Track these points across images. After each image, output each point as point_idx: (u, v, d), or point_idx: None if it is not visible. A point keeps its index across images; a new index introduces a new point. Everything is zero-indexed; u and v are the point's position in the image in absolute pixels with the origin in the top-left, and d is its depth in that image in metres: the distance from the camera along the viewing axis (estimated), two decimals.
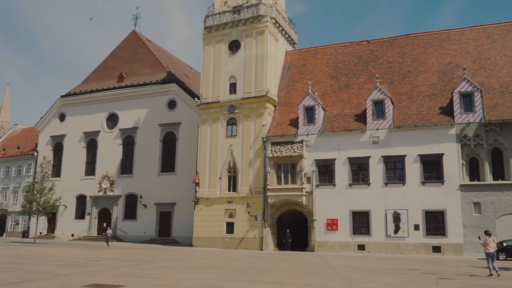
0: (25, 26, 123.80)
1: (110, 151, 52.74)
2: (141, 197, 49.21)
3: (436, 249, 33.22)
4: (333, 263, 22.12)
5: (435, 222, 33.62)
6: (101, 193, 52.10)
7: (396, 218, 34.49)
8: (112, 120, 54.02)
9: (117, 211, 51.05)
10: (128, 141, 52.68)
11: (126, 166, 52.11)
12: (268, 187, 38.05)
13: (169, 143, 50.49)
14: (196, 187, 42.16)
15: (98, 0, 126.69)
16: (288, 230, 38.31)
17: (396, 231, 34.36)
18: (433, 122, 34.79)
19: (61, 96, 57.56)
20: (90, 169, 54.01)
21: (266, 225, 38.29)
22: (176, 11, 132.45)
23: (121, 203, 51.06)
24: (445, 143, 34.15)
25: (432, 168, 34.47)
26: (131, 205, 50.68)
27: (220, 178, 41.19)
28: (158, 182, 49.36)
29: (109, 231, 41.13)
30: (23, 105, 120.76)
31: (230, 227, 39.83)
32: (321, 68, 43.20)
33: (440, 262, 25.92)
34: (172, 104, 50.84)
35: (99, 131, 54.05)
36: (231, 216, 40.00)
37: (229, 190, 40.79)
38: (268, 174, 38.30)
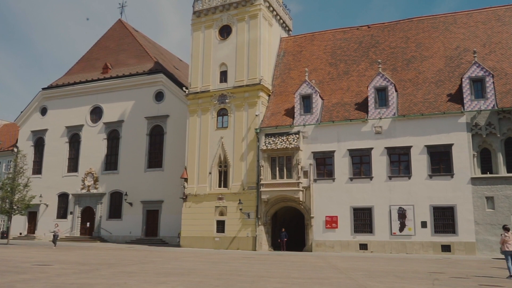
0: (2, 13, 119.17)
1: (94, 146, 49.59)
2: (126, 194, 46.06)
3: (446, 248, 30.36)
4: (339, 265, 19.13)
5: (444, 218, 30.77)
6: (84, 191, 48.91)
7: (402, 215, 31.60)
8: (96, 113, 50.86)
9: (101, 210, 47.89)
10: (113, 136, 49.53)
11: (111, 162, 48.95)
12: (262, 182, 35.09)
13: (156, 137, 47.40)
14: (184, 183, 39.09)
15: None
16: (283, 229, 35.36)
17: (401, 229, 31.47)
18: (441, 110, 31.96)
19: (43, 89, 54.28)
20: (73, 165, 50.79)
21: (259, 224, 35.31)
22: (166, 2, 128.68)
23: (105, 201, 47.92)
24: (455, 133, 31.33)
25: (441, 160, 31.62)
26: (116, 203, 47.55)
27: (210, 173, 38.16)
28: (144, 179, 46.26)
29: (57, 229, 35.97)
30: (6, 99, 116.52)
31: (220, 226, 36.80)
32: (318, 54, 40.27)
33: (457, 263, 23.01)
34: (159, 96, 47.77)
35: (82, 125, 50.85)
36: (221, 214, 36.97)
37: (219, 186, 37.77)
38: (261, 168, 35.34)
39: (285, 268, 17.17)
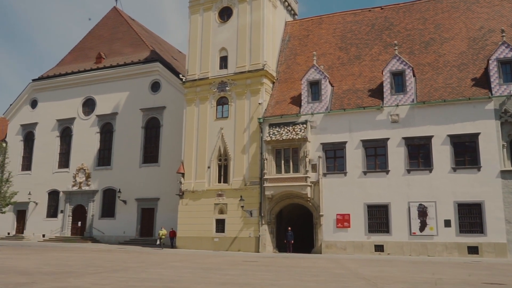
0: None
1: (86, 141, 46.41)
2: (119, 191, 42.83)
3: (473, 250, 27.00)
4: (360, 272, 15.75)
5: (470, 217, 27.43)
6: (75, 188, 45.73)
7: (422, 213, 28.26)
8: (89, 105, 47.68)
9: (93, 208, 44.69)
10: (106, 129, 46.33)
11: (104, 157, 45.76)
12: (266, 177, 31.81)
13: (152, 130, 44.20)
14: (180, 178, 35.85)
15: None
16: (289, 228, 32.07)
17: (422, 229, 28.13)
18: (465, 95, 28.61)
19: (33, 80, 51.13)
20: (64, 161, 47.60)
21: (263, 222, 32.04)
22: None
23: (97, 199, 44.72)
24: (481, 121, 27.99)
25: (466, 151, 28.29)
26: (109, 201, 44.34)
27: (208, 168, 34.91)
28: (139, 175, 43.03)
29: None
30: None
31: (220, 225, 33.55)
32: (326, 38, 36.95)
33: (498, 267, 19.65)
34: (155, 86, 44.56)
35: (74, 118, 47.66)
36: (221, 212, 33.71)
37: (219, 182, 34.52)
38: (265, 162, 32.06)
39: (296, 277, 13.69)
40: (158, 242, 35.17)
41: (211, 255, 26.65)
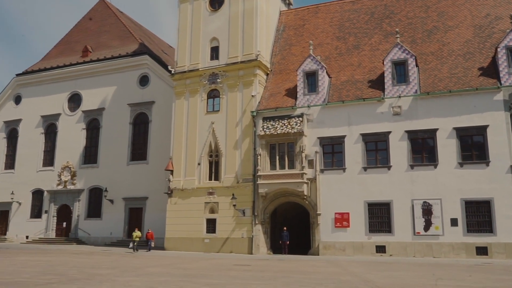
0: None
1: (71, 137, 44.23)
2: (106, 190, 40.70)
3: (481, 250, 25.14)
4: (369, 278, 13.68)
5: (478, 215, 25.58)
6: (60, 187, 43.53)
7: (427, 211, 26.38)
8: (75, 101, 45.53)
9: (79, 208, 42.52)
10: (93, 125, 44.19)
11: (90, 155, 43.60)
12: (259, 173, 29.85)
13: (140, 126, 42.10)
14: (169, 176, 33.83)
15: None
16: (285, 228, 30.09)
17: (426, 228, 26.24)
18: (472, 85, 26.77)
19: (17, 75, 48.91)
20: (49, 159, 45.41)
21: (256, 222, 30.08)
22: None
23: (83, 198, 42.56)
24: (490, 112, 26.17)
25: (473, 145, 26.46)
26: (95, 200, 42.20)
27: (198, 164, 32.91)
28: (127, 173, 40.92)
29: None
30: None
31: (211, 225, 31.53)
32: (323, 28, 35.03)
33: None
34: (144, 80, 42.47)
35: (59, 114, 45.47)
36: (212, 211, 31.71)
37: (210, 179, 32.51)
38: (258, 158, 30.10)
39: (296, 285, 11.65)
40: (131, 245, 31.98)
41: (199, 258, 24.62)
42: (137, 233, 31.66)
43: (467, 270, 17.44)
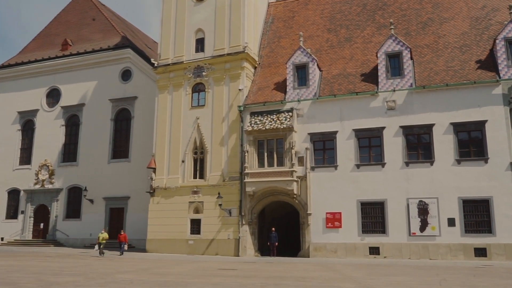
0: None
1: (50, 134, 42.16)
2: (86, 190, 38.76)
3: (480, 252, 23.89)
4: (374, 285, 12.27)
5: (477, 214, 24.34)
6: (38, 186, 41.46)
7: (423, 210, 25.07)
8: (54, 96, 43.50)
9: (57, 208, 40.53)
10: (72, 122, 42.21)
11: (69, 152, 41.62)
12: (247, 171, 28.31)
13: (122, 122, 40.28)
14: (151, 174, 32.11)
15: None
16: (273, 229, 28.55)
17: (422, 228, 24.92)
18: (470, 79, 25.55)
19: None
20: (26, 157, 43.27)
21: (243, 223, 28.51)
22: None
23: (62, 198, 40.56)
24: (488, 107, 24.97)
25: (471, 141, 25.22)
26: (75, 200, 40.23)
27: (183, 162, 31.23)
28: (108, 172, 39.06)
29: None
30: None
31: (195, 226, 29.89)
32: (314, 20, 33.60)
33: None
34: (126, 75, 40.67)
35: (37, 110, 43.41)
36: (197, 211, 30.07)
37: (194, 177, 30.87)
38: (246, 154, 28.55)
39: None
40: (96, 248, 28.72)
41: (182, 261, 22.94)
42: (103, 235, 28.36)
43: (471, 274, 16.09)
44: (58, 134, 42.06)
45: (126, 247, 28.13)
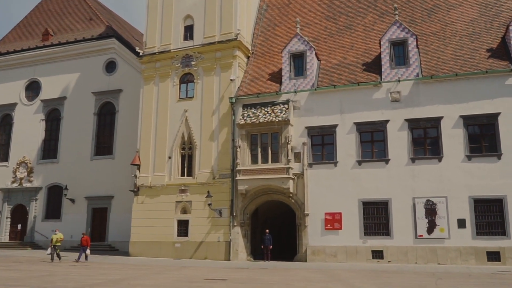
0: None
1: (29, 130, 39.65)
2: (66, 188, 36.28)
3: (493, 256, 21.89)
4: None
5: (489, 215, 22.36)
6: (15, 185, 38.90)
7: (430, 211, 23.02)
8: (33, 89, 40.97)
9: (36, 209, 38.03)
10: (53, 116, 39.71)
11: (50, 149, 39.12)
12: (238, 168, 26.10)
13: (106, 117, 37.86)
14: (136, 171, 29.78)
15: None
16: (267, 231, 26.34)
17: (430, 230, 22.87)
18: (481, 68, 23.57)
19: None
20: (3, 153, 40.69)
21: (235, 224, 26.28)
22: None
23: (41, 197, 38.05)
24: (501, 99, 23.02)
25: (483, 136, 23.25)
26: (55, 200, 37.73)
27: (169, 158, 28.94)
28: (90, 169, 36.60)
29: None
30: None
31: (183, 227, 27.61)
32: (311, 7, 31.46)
33: None
34: (111, 66, 38.26)
35: (15, 104, 40.81)
36: (184, 211, 27.79)
37: (182, 175, 28.59)
38: (238, 150, 26.34)
39: None
40: (49, 252, 24.31)
41: (165, 267, 20.64)
42: (58, 235, 24.30)
43: (494, 283, 14.03)
44: (38, 130, 39.56)
45: (88, 252, 24.33)
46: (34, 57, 41.03)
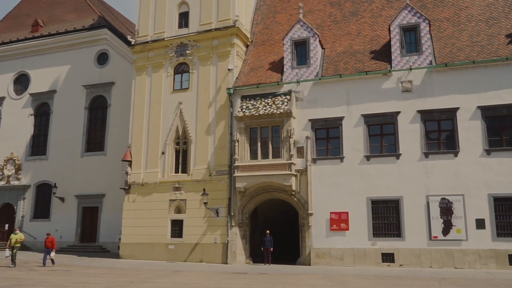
0: None
1: (17, 125, 37.74)
2: (55, 186, 34.36)
3: None
4: None
5: (511, 215, 20.42)
6: (3, 183, 36.99)
7: (446, 210, 21.11)
8: (22, 82, 39.07)
9: (24, 208, 36.14)
10: (42, 111, 37.79)
11: (39, 145, 37.20)
12: (237, 164, 24.19)
13: (97, 111, 35.93)
14: (127, 168, 27.87)
15: None
16: (268, 232, 24.42)
17: (446, 231, 20.96)
18: (500, 55, 21.66)
19: None
20: None
21: (233, 224, 24.37)
22: None
23: (29, 196, 36.14)
24: None
25: (503, 128, 21.33)
26: (44, 198, 35.80)
27: (163, 153, 27.01)
28: (81, 166, 34.68)
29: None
30: None
31: (177, 228, 25.69)
32: None
33: None
34: (103, 58, 36.34)
35: (3, 98, 38.87)
36: (179, 210, 25.88)
37: (176, 171, 26.66)
38: (236, 145, 24.43)
39: None
40: (8, 254, 22.30)
41: (155, 272, 18.72)
42: (18, 236, 22.34)
43: None
44: (26, 125, 37.65)
45: (53, 254, 22.13)
46: (23, 49, 39.11)
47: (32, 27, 40.40)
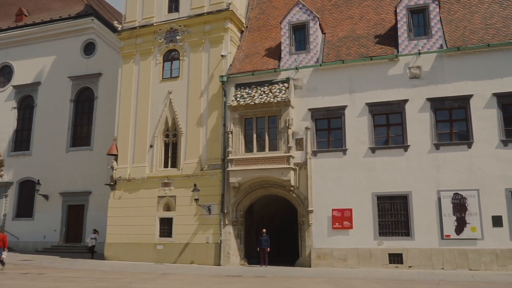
0: None
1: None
2: (39, 183, 32.40)
3: None
4: None
5: None
6: None
7: (459, 206, 19.32)
8: (5, 74, 37.13)
9: (6, 206, 34.20)
10: (26, 104, 35.87)
11: (22, 140, 35.28)
12: (231, 157, 22.31)
13: (84, 104, 34.04)
14: (113, 163, 25.95)
15: None
16: (264, 231, 22.56)
17: (459, 229, 19.17)
18: None
19: None
20: None
21: (226, 222, 22.49)
22: None
23: (12, 193, 34.21)
24: None
25: None
26: (27, 196, 33.92)
27: (151, 146, 25.10)
28: (66, 162, 32.79)
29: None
30: None
31: (166, 227, 23.80)
32: None
33: None
34: (89, 48, 34.44)
35: None
36: (168, 207, 23.98)
37: (165, 166, 24.75)
38: (229, 136, 22.56)
39: None
40: None
41: (140, 275, 16.81)
42: None
43: None
44: (9, 118, 35.72)
45: (5, 255, 19.79)
46: (6, 39, 37.14)
47: (16, 17, 38.48)
